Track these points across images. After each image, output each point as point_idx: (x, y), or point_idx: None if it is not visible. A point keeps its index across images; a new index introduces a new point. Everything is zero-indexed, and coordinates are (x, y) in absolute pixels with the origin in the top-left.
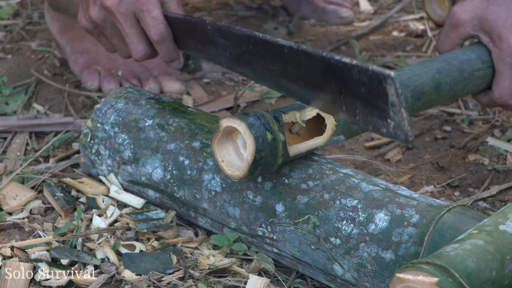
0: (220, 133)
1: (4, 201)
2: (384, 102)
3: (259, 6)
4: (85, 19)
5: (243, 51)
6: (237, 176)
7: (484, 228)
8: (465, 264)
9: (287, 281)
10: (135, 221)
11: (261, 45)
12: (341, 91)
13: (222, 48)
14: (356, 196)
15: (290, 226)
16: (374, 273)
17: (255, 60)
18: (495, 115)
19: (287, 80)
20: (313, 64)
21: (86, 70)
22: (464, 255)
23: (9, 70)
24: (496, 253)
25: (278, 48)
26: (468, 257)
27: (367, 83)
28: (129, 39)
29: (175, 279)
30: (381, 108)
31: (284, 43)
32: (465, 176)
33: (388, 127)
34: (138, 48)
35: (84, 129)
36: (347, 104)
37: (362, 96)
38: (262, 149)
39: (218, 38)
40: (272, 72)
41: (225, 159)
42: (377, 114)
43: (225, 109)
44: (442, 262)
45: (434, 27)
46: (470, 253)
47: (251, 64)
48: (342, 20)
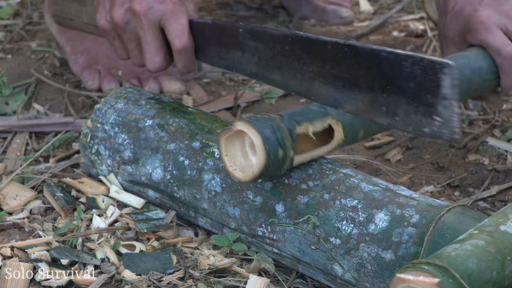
0: (231, 131)
1: (4, 201)
2: (434, 96)
3: (259, 6)
4: (105, 19)
5: (275, 53)
6: (238, 178)
7: (484, 229)
8: (466, 265)
9: (287, 281)
10: (135, 221)
11: (300, 44)
12: (385, 89)
13: (251, 52)
14: (356, 196)
15: (290, 226)
16: (374, 273)
17: (287, 63)
18: (495, 115)
19: (322, 82)
20: (359, 60)
21: (87, 70)
22: (465, 255)
23: (9, 70)
24: (496, 254)
25: (320, 45)
26: (469, 257)
27: (420, 75)
28: (148, 47)
29: (175, 279)
30: (429, 103)
31: (329, 40)
32: (465, 176)
33: (433, 125)
34: (155, 59)
35: (84, 129)
36: (389, 103)
37: (410, 92)
38: (271, 165)
39: (249, 40)
40: (305, 75)
41: (229, 153)
42: (422, 111)
43: (225, 109)
44: (443, 263)
45: (434, 27)
46: (471, 253)
47: (281, 68)
48: (342, 20)
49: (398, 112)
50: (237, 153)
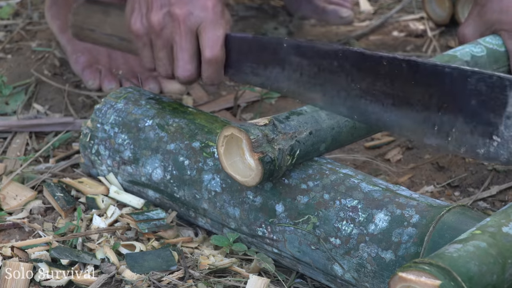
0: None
1: (4, 201)
2: (498, 114)
3: (259, 6)
4: (140, 23)
5: (320, 69)
6: (240, 180)
7: (486, 229)
8: (467, 267)
9: (287, 281)
10: (136, 222)
11: (352, 60)
12: (441, 107)
13: (292, 68)
14: (356, 196)
15: (290, 226)
16: (374, 273)
17: (332, 79)
18: None
19: (369, 99)
20: (417, 76)
21: (87, 69)
22: (467, 257)
23: (9, 70)
24: (498, 257)
25: (375, 61)
26: (471, 259)
27: (484, 92)
28: (181, 54)
29: (175, 279)
30: (490, 122)
31: (385, 55)
32: (465, 176)
33: (490, 146)
34: (187, 66)
35: (84, 129)
36: (443, 122)
37: (470, 110)
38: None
39: (292, 56)
40: (352, 92)
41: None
42: (480, 131)
43: (225, 109)
44: (445, 264)
45: (434, 27)
46: (473, 255)
47: (324, 85)
48: (342, 20)
49: (452, 132)
50: (236, 160)
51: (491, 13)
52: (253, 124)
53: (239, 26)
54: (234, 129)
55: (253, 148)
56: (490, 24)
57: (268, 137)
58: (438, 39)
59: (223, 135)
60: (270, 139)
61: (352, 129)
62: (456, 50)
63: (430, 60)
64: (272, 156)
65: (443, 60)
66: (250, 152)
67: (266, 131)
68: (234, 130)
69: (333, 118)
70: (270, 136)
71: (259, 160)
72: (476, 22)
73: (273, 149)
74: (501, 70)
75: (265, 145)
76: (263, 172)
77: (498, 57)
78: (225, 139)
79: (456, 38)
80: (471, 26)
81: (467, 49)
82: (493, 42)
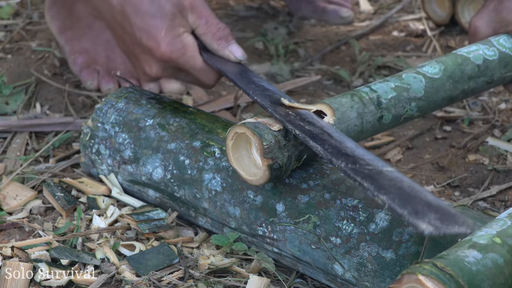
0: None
1: (4, 201)
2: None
3: (259, 6)
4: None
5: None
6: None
7: (506, 240)
8: (482, 287)
9: (287, 281)
10: (136, 222)
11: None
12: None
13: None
14: (356, 196)
15: (290, 226)
16: (374, 272)
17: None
18: (495, 115)
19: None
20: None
21: (86, 70)
22: (483, 275)
23: (9, 70)
24: (509, 277)
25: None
26: (486, 278)
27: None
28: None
29: (175, 279)
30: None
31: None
32: (465, 176)
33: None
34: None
35: (84, 129)
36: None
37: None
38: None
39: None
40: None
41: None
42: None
43: (225, 109)
44: (464, 281)
45: (434, 27)
46: (489, 273)
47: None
48: (342, 20)
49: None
50: (244, 157)
51: (508, 11)
52: (267, 127)
53: (239, 26)
54: (248, 130)
55: (264, 154)
56: (506, 23)
57: (280, 143)
58: (438, 39)
59: (234, 131)
60: (282, 145)
61: (359, 133)
62: (470, 51)
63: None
64: (281, 163)
65: (456, 62)
66: (261, 157)
67: (279, 137)
68: (247, 131)
69: (343, 123)
70: (282, 142)
71: (268, 166)
72: (491, 17)
73: (283, 156)
74: (508, 74)
75: (276, 150)
76: (269, 177)
77: (509, 61)
78: (235, 135)
79: (456, 38)
80: (485, 20)
81: (480, 51)
82: (506, 46)
